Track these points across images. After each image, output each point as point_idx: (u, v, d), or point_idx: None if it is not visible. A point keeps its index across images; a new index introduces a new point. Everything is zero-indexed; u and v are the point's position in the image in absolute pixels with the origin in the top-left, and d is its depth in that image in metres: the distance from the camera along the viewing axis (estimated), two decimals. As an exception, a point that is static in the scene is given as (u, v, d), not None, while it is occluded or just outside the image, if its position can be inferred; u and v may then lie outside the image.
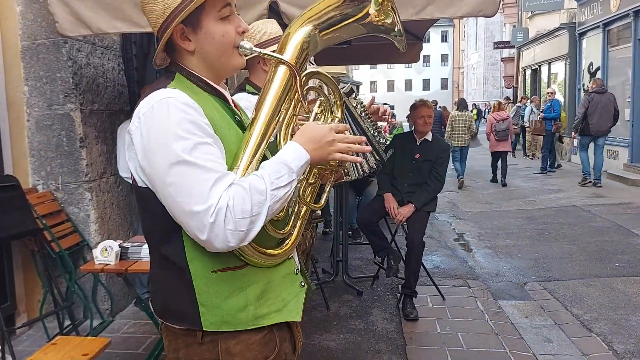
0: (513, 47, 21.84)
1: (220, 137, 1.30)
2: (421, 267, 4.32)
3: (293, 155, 1.32)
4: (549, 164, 12.61)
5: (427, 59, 56.79)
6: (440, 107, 17.87)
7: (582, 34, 14.64)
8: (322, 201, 1.56)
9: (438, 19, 3.48)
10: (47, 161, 3.96)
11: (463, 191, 10.73)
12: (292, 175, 1.30)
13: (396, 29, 1.56)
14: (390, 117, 3.29)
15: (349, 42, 4.78)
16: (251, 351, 1.37)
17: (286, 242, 1.44)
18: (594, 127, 10.11)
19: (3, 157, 3.81)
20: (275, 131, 1.40)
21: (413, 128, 4.51)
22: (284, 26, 2.55)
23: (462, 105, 11.41)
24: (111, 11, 3.11)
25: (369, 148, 1.47)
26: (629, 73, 11.69)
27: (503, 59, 26.36)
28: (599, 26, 13.21)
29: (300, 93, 1.40)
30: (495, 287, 5.02)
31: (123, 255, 3.11)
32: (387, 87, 60.33)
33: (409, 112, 4.57)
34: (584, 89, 14.41)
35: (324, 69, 1.67)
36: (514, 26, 22.25)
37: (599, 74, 13.36)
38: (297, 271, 1.50)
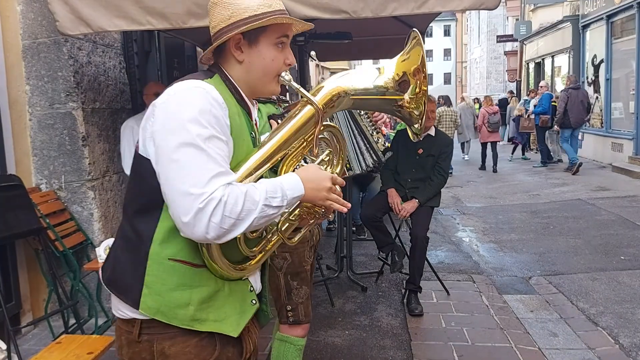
0: (516, 40, 21.73)
1: (235, 142, 1.37)
2: (425, 262, 4.31)
3: (291, 185, 1.38)
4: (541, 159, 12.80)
5: (429, 53, 56.56)
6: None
7: (585, 27, 14.55)
8: (296, 239, 1.60)
9: (440, 13, 3.45)
10: (49, 160, 3.96)
11: (467, 186, 10.71)
12: (284, 201, 1.35)
13: (417, 126, 1.66)
14: (383, 121, 3.26)
15: (350, 37, 4.76)
16: (186, 354, 1.38)
17: (249, 262, 1.48)
18: (573, 119, 11.16)
19: (5, 157, 3.81)
20: (279, 159, 1.47)
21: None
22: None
23: (447, 102, 12.33)
24: (112, 9, 3.10)
25: (349, 205, 1.54)
26: (633, 65, 11.61)
27: (506, 53, 26.21)
28: (602, 18, 13.12)
29: (315, 137, 1.49)
30: (500, 282, 5.01)
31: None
32: (390, 83, 60.14)
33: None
34: (587, 82, 14.34)
35: (327, 64, 1.75)
36: (516, 19, 22.13)
37: (602, 67, 13.30)
38: (252, 289, 1.52)
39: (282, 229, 1.53)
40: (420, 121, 1.65)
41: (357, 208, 6.09)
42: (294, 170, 1.48)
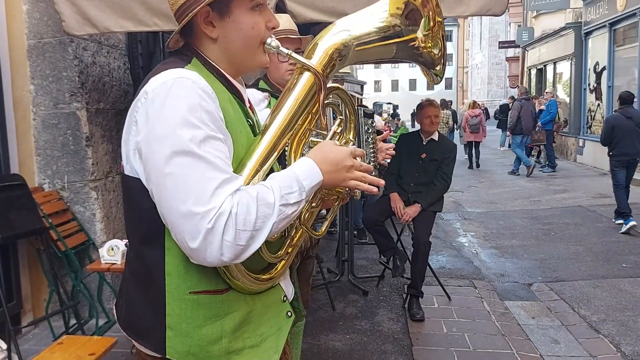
0: (518, 46, 21.76)
1: (232, 137, 1.17)
2: (427, 267, 4.31)
3: (307, 173, 1.18)
4: (547, 163, 12.98)
5: (431, 58, 56.65)
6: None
7: (588, 34, 14.56)
8: (323, 229, 1.41)
9: (445, 18, 3.45)
10: (53, 160, 3.96)
11: (468, 191, 10.71)
12: (303, 194, 1.15)
13: (438, 67, 1.40)
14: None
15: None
16: None
17: (276, 267, 1.29)
18: (525, 127, 12.25)
19: (9, 156, 3.81)
20: (286, 143, 1.26)
21: (419, 127, 4.49)
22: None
23: (443, 104, 14.19)
24: (118, 10, 3.10)
25: (383, 182, 1.35)
26: (635, 73, 11.62)
27: (508, 59, 26.24)
28: (605, 25, 13.14)
29: (321, 105, 1.25)
30: (502, 288, 5.00)
31: (129, 254, 3.10)
32: (392, 87, 60.21)
33: (413, 111, 4.55)
34: (589, 89, 14.35)
35: None
36: (519, 26, 22.15)
37: (604, 74, 13.31)
38: (285, 299, 1.34)
39: (305, 219, 1.32)
40: (442, 60, 1.39)
41: (359, 212, 6.09)
42: (304, 154, 1.27)
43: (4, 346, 3.14)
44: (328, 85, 1.32)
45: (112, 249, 3.20)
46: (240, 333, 1.22)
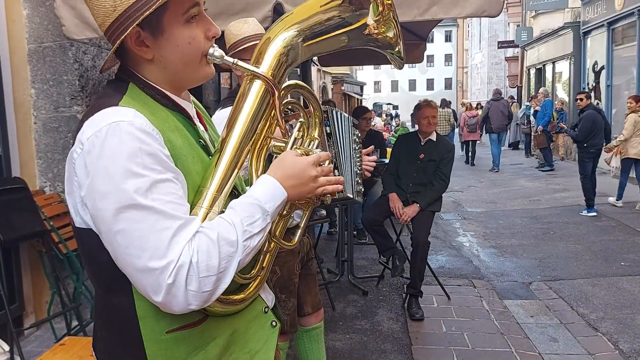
0: (517, 46, 21.79)
1: (184, 169, 1.08)
2: (426, 266, 4.33)
3: (269, 195, 1.12)
4: (545, 162, 13.26)
5: (430, 59, 56.68)
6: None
7: (586, 33, 14.59)
8: (296, 239, 1.31)
9: (442, 20, 3.49)
10: (54, 163, 3.99)
11: (467, 190, 10.74)
12: (267, 218, 1.10)
13: (397, 48, 1.35)
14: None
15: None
16: None
17: (250, 286, 1.23)
18: (495, 125, 13.50)
19: (10, 159, 3.84)
20: (246, 157, 1.19)
21: (417, 128, 4.51)
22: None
23: (443, 103, 15.00)
24: (117, 14, 3.13)
25: (342, 179, 1.29)
26: (634, 72, 11.65)
27: (507, 59, 26.27)
28: (603, 25, 13.16)
29: (277, 110, 1.17)
30: (501, 287, 5.02)
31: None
32: (391, 87, 60.28)
33: (412, 112, 4.58)
34: (588, 88, 14.37)
35: (328, 69, 1.54)
36: (518, 25, 22.18)
37: (603, 73, 13.34)
38: (266, 309, 1.29)
39: (276, 233, 1.25)
40: (398, 41, 1.33)
41: (358, 212, 6.11)
42: (265, 165, 1.20)
43: (7, 348, 3.17)
44: (285, 84, 1.26)
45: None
46: (228, 356, 1.18)
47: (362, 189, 2.32)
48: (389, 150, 5.87)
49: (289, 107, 1.41)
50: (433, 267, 4.88)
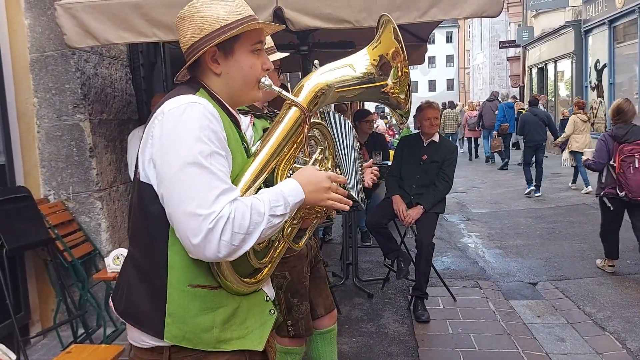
0: (518, 46, 21.76)
1: (232, 154, 1.35)
2: (431, 268, 4.32)
3: (291, 191, 1.36)
4: (504, 162, 14.20)
5: (432, 60, 56.65)
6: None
7: (587, 31, 14.57)
8: (302, 242, 1.59)
9: (442, 21, 3.49)
10: (57, 171, 4.00)
11: (471, 191, 10.72)
12: (287, 208, 1.33)
13: (405, 110, 1.64)
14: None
15: (353, 46, 4.80)
16: None
17: (261, 272, 1.47)
18: (487, 124, 14.95)
19: (14, 169, 3.85)
20: (273, 167, 1.45)
21: (420, 130, 4.51)
22: (288, 32, 2.57)
23: (451, 105, 17.75)
24: (118, 22, 3.15)
25: (350, 202, 1.53)
26: (635, 69, 11.62)
27: (509, 58, 26.23)
28: (604, 23, 13.14)
29: (305, 137, 1.47)
30: (507, 287, 5.01)
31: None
32: (393, 90, 60.26)
33: (414, 114, 4.58)
34: (590, 87, 14.35)
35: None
36: (519, 25, 22.16)
37: (605, 71, 13.31)
38: (268, 298, 1.51)
39: (287, 233, 1.52)
40: (407, 105, 1.63)
41: (362, 215, 6.11)
42: (289, 175, 1.46)
43: (13, 357, 3.16)
44: (313, 121, 1.51)
45: (118, 258, 3.24)
46: (229, 325, 1.38)
47: (364, 196, 2.41)
48: (392, 152, 5.86)
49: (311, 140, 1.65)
50: (438, 268, 4.87)
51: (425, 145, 4.39)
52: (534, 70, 20.25)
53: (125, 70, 4.60)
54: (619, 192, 4.78)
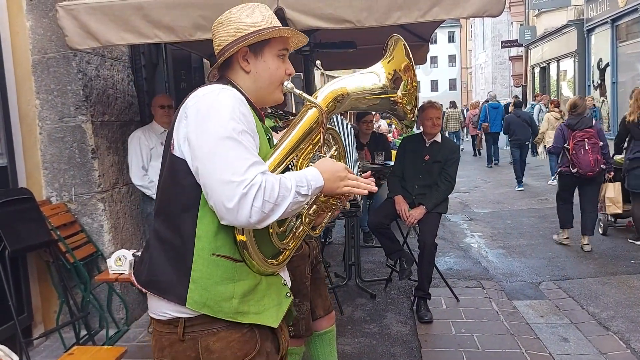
0: (521, 45, 21.72)
1: (258, 138, 1.48)
2: (434, 268, 4.31)
3: (313, 176, 1.48)
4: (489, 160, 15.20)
5: (434, 60, 56.60)
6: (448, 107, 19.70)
7: (590, 30, 14.54)
8: (318, 230, 1.77)
9: (444, 20, 3.48)
10: (60, 173, 4.01)
11: (474, 191, 10.71)
12: (309, 190, 1.44)
13: (410, 119, 1.80)
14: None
15: (355, 46, 4.80)
16: (230, 348, 1.44)
17: (282, 254, 1.59)
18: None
19: (17, 170, 3.86)
20: (291, 161, 1.59)
21: (422, 130, 4.50)
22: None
23: (453, 105, 18.26)
24: (119, 23, 3.15)
25: (375, 188, 1.67)
26: (638, 68, 11.59)
27: (511, 58, 26.20)
28: (607, 22, 13.11)
29: (322, 136, 1.62)
30: (510, 287, 4.99)
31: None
32: (395, 90, 60.21)
33: (417, 114, 4.56)
34: (593, 86, 14.31)
35: (332, 73, 1.91)
36: (521, 25, 22.13)
37: (608, 70, 13.28)
38: (285, 282, 1.62)
39: (306, 221, 1.64)
40: (412, 115, 1.79)
41: (364, 215, 6.10)
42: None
43: (16, 358, 3.17)
44: (327, 127, 1.66)
45: (120, 259, 3.23)
46: (248, 299, 1.47)
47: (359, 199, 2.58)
48: (394, 152, 5.86)
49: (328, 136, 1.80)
50: (441, 268, 4.86)
51: (427, 145, 4.38)
52: (537, 70, 20.22)
53: (127, 72, 4.60)
54: (571, 169, 5.79)
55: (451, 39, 58.05)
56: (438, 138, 4.39)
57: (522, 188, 10.57)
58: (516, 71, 23.97)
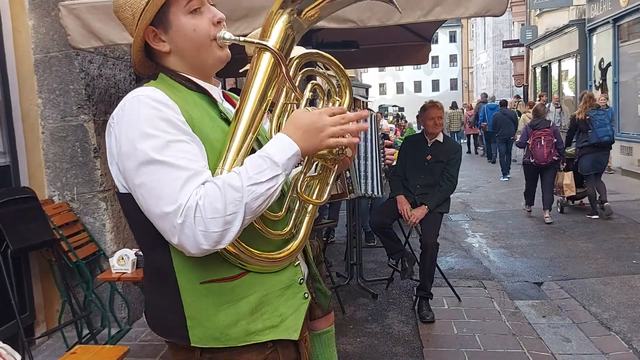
0: (522, 45, 21.71)
1: (202, 136, 1.21)
2: (436, 268, 4.31)
3: (278, 147, 1.20)
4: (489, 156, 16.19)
5: (435, 60, 56.52)
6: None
7: (591, 30, 14.52)
8: (324, 196, 1.37)
9: (446, 20, 3.48)
10: (62, 172, 4.01)
11: (476, 191, 10.70)
12: (277, 169, 1.17)
13: None
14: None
15: (357, 45, 4.80)
16: None
17: (291, 243, 1.32)
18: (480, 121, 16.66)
19: (19, 169, 3.86)
20: (264, 123, 1.32)
21: (423, 129, 4.49)
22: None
23: (454, 105, 19.64)
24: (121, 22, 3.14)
25: (366, 125, 1.29)
26: (640, 68, 11.59)
27: (512, 58, 26.19)
28: (608, 22, 13.10)
29: (288, 79, 1.27)
30: (512, 287, 4.99)
31: (139, 263, 3.14)
32: (397, 89, 60.18)
33: (418, 114, 4.56)
34: (595, 86, 14.29)
35: (332, 73, 1.56)
36: (522, 24, 22.12)
37: (609, 70, 13.26)
38: (302, 281, 1.38)
39: (306, 190, 1.35)
40: None
41: (366, 215, 6.10)
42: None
43: (18, 357, 3.16)
44: (301, 53, 1.36)
45: (122, 259, 3.24)
46: (259, 315, 1.27)
47: (379, 191, 2.31)
48: (396, 152, 5.85)
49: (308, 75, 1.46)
50: (442, 268, 4.86)
51: (429, 145, 4.37)
52: (538, 70, 20.20)
53: (129, 71, 4.60)
54: (530, 160, 7.34)
55: (452, 38, 58.00)
56: (440, 138, 4.39)
57: (506, 179, 11.92)
58: (517, 71, 23.94)
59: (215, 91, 1.37)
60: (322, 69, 1.50)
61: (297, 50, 2.16)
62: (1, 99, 3.75)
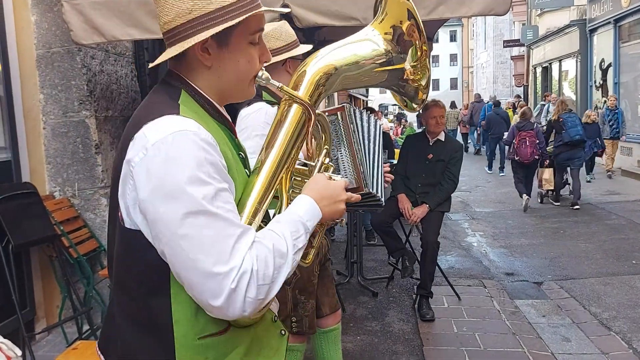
0: (523, 45, 21.71)
1: (233, 181, 1.13)
2: (436, 267, 4.31)
3: (309, 214, 1.17)
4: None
5: (436, 59, 56.49)
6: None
7: (592, 31, 14.52)
8: (310, 257, 1.34)
9: (448, 19, 3.48)
10: (63, 168, 4.01)
11: (476, 190, 10.71)
12: (307, 235, 1.15)
13: (422, 96, 1.41)
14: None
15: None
16: None
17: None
18: (475, 121, 17.12)
19: (20, 165, 3.85)
20: (282, 178, 1.26)
21: (425, 128, 4.49)
22: (295, 29, 2.56)
23: (452, 105, 19.84)
24: (124, 18, 3.15)
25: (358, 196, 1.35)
26: (641, 69, 11.59)
27: (513, 58, 26.19)
28: (609, 22, 13.09)
29: (308, 135, 1.25)
30: (512, 287, 5.00)
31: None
32: (397, 88, 60.15)
33: (419, 112, 4.56)
34: (595, 86, 14.30)
35: None
36: (523, 24, 22.11)
37: (610, 71, 13.26)
38: (275, 318, 1.32)
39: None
40: (426, 91, 1.39)
41: (367, 213, 6.10)
42: (292, 186, 1.28)
43: (19, 353, 3.16)
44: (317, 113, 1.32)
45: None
46: None
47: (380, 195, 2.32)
48: (397, 151, 5.86)
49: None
50: (443, 267, 4.86)
51: (430, 144, 4.37)
52: (538, 70, 20.20)
53: (131, 67, 4.60)
54: (515, 157, 8.19)
55: (453, 37, 57.97)
56: (441, 137, 4.39)
57: (490, 172, 13.25)
58: (518, 71, 23.95)
59: (230, 121, 1.27)
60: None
61: (303, 48, 2.16)
62: (3, 95, 3.74)
